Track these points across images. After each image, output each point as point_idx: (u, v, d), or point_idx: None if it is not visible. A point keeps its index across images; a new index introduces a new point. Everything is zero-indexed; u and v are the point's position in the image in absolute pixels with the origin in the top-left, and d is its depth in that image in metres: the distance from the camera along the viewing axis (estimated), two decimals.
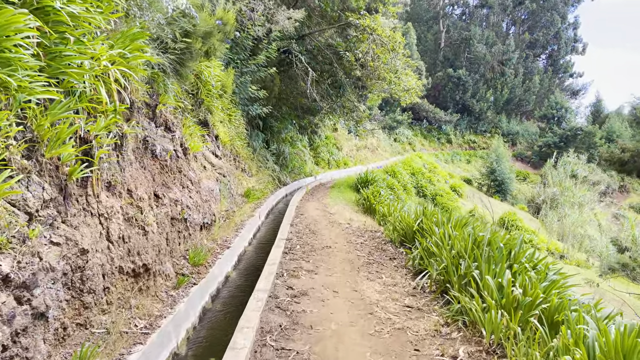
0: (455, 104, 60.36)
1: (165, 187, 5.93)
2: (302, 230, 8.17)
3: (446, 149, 57.33)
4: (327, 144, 26.19)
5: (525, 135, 63.13)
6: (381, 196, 12.89)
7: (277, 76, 15.15)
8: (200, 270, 5.33)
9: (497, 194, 39.15)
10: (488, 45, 61.69)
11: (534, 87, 64.48)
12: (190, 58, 6.87)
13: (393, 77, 14.86)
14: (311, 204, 12.28)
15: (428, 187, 24.61)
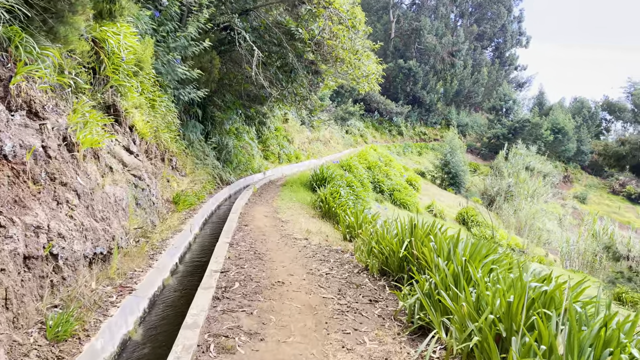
0: (406, 96, 59.54)
1: (18, 206, 3.69)
2: (244, 253, 6.05)
3: (397, 141, 56.47)
4: (277, 136, 24.04)
5: (475, 127, 63.31)
6: (341, 197, 10.96)
7: (216, 57, 12.86)
8: (64, 352, 3.15)
9: (451, 186, 38.34)
10: (438, 36, 61.15)
11: (482, 79, 64.70)
12: (71, 10, 4.60)
13: (353, 59, 12.92)
14: (259, 209, 10.16)
15: (385, 182, 22.98)
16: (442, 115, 63.51)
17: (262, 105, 17.34)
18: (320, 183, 13.67)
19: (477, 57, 67.35)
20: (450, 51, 61.21)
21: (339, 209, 10.18)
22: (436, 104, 61.41)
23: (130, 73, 7.18)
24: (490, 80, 66.68)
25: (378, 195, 21.75)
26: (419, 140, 59.37)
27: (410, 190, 23.92)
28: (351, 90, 46.67)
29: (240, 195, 12.35)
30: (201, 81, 12.16)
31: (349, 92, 46.59)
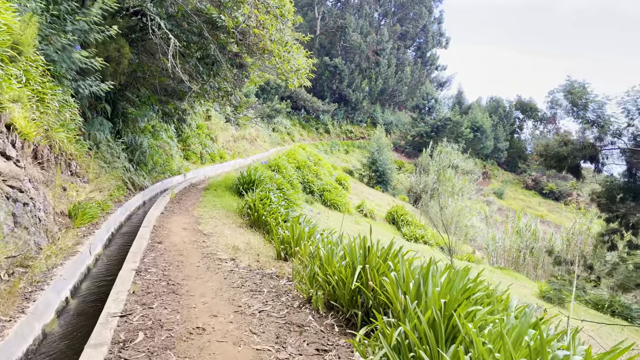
0: (332, 94, 59.37)
1: None
2: (155, 285, 4.82)
3: (324, 139, 56.18)
4: (199, 135, 22.44)
5: (399, 125, 64.47)
6: (272, 203, 9.91)
7: (126, 45, 11.31)
8: None
9: (378, 184, 38.42)
10: (363, 34, 61.51)
11: (405, 78, 65.95)
12: None
13: (282, 51, 11.86)
14: (177, 220, 8.85)
15: (315, 182, 22.17)
16: (367, 113, 64.03)
17: (181, 100, 15.85)
18: (248, 186, 12.52)
19: (400, 56, 68.61)
20: (374, 50, 61.80)
21: (270, 217, 9.13)
22: (362, 102, 61.73)
23: (5, 58, 5.70)
24: (413, 79, 68.21)
25: (308, 196, 20.90)
26: (346, 139, 59.46)
27: (340, 190, 23.30)
28: (277, 87, 45.61)
29: (155, 202, 10.90)
30: (107, 73, 10.59)
31: (275, 89, 45.52)
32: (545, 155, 8.69)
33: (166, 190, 13.74)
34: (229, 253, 6.39)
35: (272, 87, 45.13)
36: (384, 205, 28.89)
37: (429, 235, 21.32)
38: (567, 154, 8.39)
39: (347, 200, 22.94)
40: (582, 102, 8.60)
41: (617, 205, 9.17)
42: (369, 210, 23.61)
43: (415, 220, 23.25)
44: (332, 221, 18.06)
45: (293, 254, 6.19)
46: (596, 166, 8.81)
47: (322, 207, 20.74)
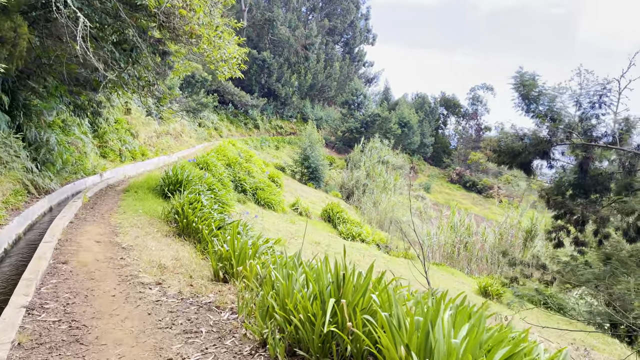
0: (261, 88, 57.93)
1: None
2: (52, 330, 3.49)
3: (254, 134, 54.74)
4: (118, 130, 20.44)
5: (329, 121, 64.21)
6: (204, 207, 8.71)
7: (23, 24, 9.60)
8: None
9: (311, 181, 37.68)
10: (291, 28, 60.51)
11: (335, 74, 65.79)
12: None
13: (212, 36, 10.59)
14: (89, 230, 7.43)
15: (247, 180, 20.94)
16: (297, 108, 63.20)
17: (95, 91, 14.08)
18: (174, 188, 11.16)
19: (329, 51, 68.31)
20: (303, 44, 61.02)
21: (202, 224, 7.96)
22: (291, 97, 60.77)
23: None
24: (342, 75, 68.19)
25: (240, 195, 19.66)
26: (276, 134, 58.32)
27: (274, 188, 22.23)
28: (203, 81, 43.51)
29: (64, 208, 9.30)
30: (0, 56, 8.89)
31: (201, 83, 43.43)
32: (499, 151, 8.19)
33: (78, 193, 12.02)
34: (154, 274, 5.19)
35: (197, 80, 43.04)
36: (318, 203, 28.18)
37: (365, 233, 20.82)
38: (522, 149, 7.94)
39: (282, 199, 21.94)
40: (534, 95, 8.17)
41: (567, 201, 8.89)
42: (304, 209, 22.76)
43: (351, 218, 22.70)
44: (267, 222, 17.00)
45: (235, 274, 5.11)
46: (548, 162, 8.46)
47: (255, 206, 19.61)
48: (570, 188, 8.64)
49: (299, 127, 62.04)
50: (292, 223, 19.14)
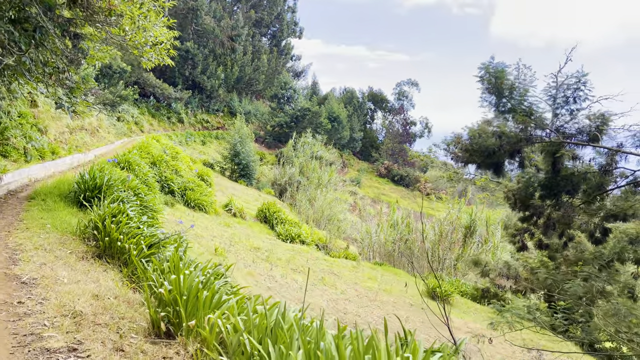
0: (185, 80, 55.03)
1: None
2: None
3: (178, 129, 51.96)
4: (22, 125, 17.82)
5: (258, 115, 62.49)
6: (130, 220, 7.18)
7: None
8: None
9: (242, 178, 36.02)
10: (216, 18, 57.99)
11: (262, 67, 64.10)
12: None
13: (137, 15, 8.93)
14: None
15: (175, 179, 19.11)
16: (224, 102, 60.86)
17: None
18: (92, 194, 9.40)
19: (256, 44, 66.44)
20: (230, 35, 58.73)
21: (129, 242, 6.47)
22: (218, 90, 58.32)
23: None
24: (270, 68, 66.58)
25: (168, 196, 17.85)
26: (202, 129, 55.74)
27: (205, 188, 20.54)
28: (121, 71, 40.33)
29: None
30: None
31: (119, 73, 40.26)
32: (472, 150, 7.38)
33: None
34: (65, 330, 3.71)
35: (115, 70, 39.89)
36: (252, 202, 26.73)
37: (304, 234, 19.74)
38: (498, 148, 7.19)
39: (214, 200, 20.33)
40: (506, 88, 7.44)
41: (535, 203, 8.30)
42: (238, 209, 21.27)
43: (289, 218, 21.52)
44: (200, 226, 15.44)
45: (186, 331, 3.75)
46: (520, 161, 7.80)
47: (185, 209, 17.90)
48: (540, 189, 8.02)
49: (226, 121, 59.80)
50: (227, 226, 17.66)
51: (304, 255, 16.39)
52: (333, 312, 10.52)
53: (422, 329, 11.50)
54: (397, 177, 64.51)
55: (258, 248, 14.96)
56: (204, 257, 11.13)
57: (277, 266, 13.08)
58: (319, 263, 15.78)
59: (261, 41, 69.20)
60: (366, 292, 13.59)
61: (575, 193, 7.64)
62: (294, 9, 75.40)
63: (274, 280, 11.51)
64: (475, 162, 7.61)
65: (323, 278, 13.44)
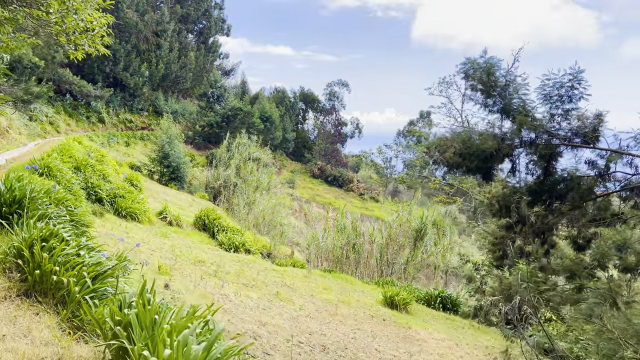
0: (105, 77, 51.37)
1: None
2: None
3: (99, 129, 48.39)
4: None
5: (186, 115, 59.74)
6: (67, 245, 5.75)
7: None
8: None
9: (172, 181, 33.84)
10: (139, 12, 54.67)
11: (190, 64, 61.44)
12: None
13: None
14: None
15: (103, 185, 17.15)
16: (149, 101, 57.57)
17: None
18: (11, 210, 7.71)
19: (182, 40, 63.56)
20: (154, 31, 55.62)
21: (68, 275, 5.11)
22: (141, 88, 55.04)
23: None
24: (197, 65, 63.94)
25: (95, 205, 15.92)
26: (125, 129, 52.27)
27: (136, 195, 18.67)
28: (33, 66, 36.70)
29: None
30: None
31: (31, 69, 36.67)
32: (466, 154, 6.67)
33: None
34: None
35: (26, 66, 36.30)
36: (186, 208, 24.98)
37: (249, 242, 18.49)
38: (496, 151, 6.54)
39: (147, 207, 18.53)
40: (500, 84, 6.82)
41: (521, 209, 7.79)
42: (174, 217, 19.57)
43: (230, 224, 20.13)
44: (135, 239, 13.79)
45: None
46: (513, 166, 7.23)
47: (116, 218, 16.06)
48: (529, 194, 7.50)
49: (151, 121, 56.58)
50: (165, 237, 16.05)
51: (252, 266, 15.19)
52: (297, 333, 9.51)
53: (390, 344, 10.79)
54: (330, 177, 64.31)
55: (203, 261, 13.60)
56: (148, 277, 9.69)
57: (227, 282, 11.83)
58: (269, 274, 14.66)
59: (188, 38, 66.39)
60: (324, 305, 12.69)
61: (566, 199, 7.18)
62: (221, 6, 73.10)
63: (228, 300, 10.30)
64: (467, 166, 6.92)
65: (278, 292, 12.37)
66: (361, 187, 62.87)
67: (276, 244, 21.17)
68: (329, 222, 23.00)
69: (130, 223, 16.35)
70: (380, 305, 14.04)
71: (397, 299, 13.97)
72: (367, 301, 14.12)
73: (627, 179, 6.93)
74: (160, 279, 9.98)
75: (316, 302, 12.79)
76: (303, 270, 17.09)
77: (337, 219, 21.59)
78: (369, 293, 15.58)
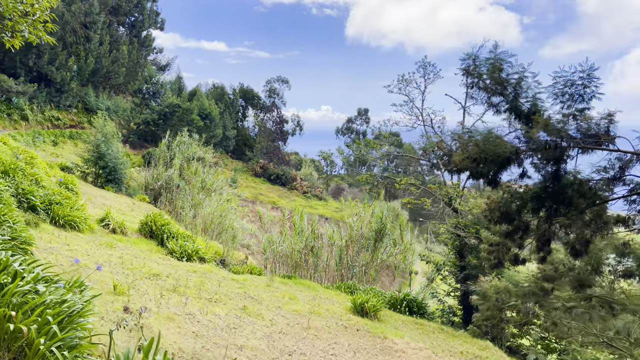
0: (28, 71, 47.35)
1: None
2: None
3: (22, 128, 44.63)
4: None
5: (119, 112, 56.36)
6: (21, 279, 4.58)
7: None
8: None
9: (109, 183, 31.48)
10: (66, 2, 50.85)
11: (122, 58, 58.07)
12: None
13: None
14: None
15: (36, 191, 15.33)
16: (78, 97, 53.73)
17: None
18: None
19: (113, 33, 59.96)
20: (83, 22, 51.98)
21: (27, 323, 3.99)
22: (69, 83, 51.21)
23: None
24: (131, 60, 60.59)
25: (28, 214, 14.16)
26: (52, 127, 48.41)
27: (75, 200, 16.90)
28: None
29: None
30: None
31: None
32: (482, 159, 6.08)
33: None
34: None
35: None
36: (128, 212, 23.20)
37: (203, 249, 17.25)
38: (514, 154, 6.01)
39: (88, 214, 16.83)
40: (512, 80, 6.31)
41: (523, 216, 7.36)
42: (117, 224, 17.91)
43: (180, 230, 18.75)
44: (79, 251, 12.31)
45: None
46: (523, 171, 6.76)
47: (53, 228, 14.36)
48: (534, 200, 7.07)
49: (81, 118, 52.92)
50: (111, 247, 14.54)
51: (211, 277, 14.06)
52: (277, 356, 8.66)
53: (371, 358, 10.17)
54: (273, 176, 63.18)
55: (158, 274, 12.34)
56: (104, 300, 8.45)
57: (189, 298, 10.72)
58: (230, 285, 13.62)
59: (119, 31, 62.80)
60: (294, 317, 11.88)
61: (571, 204, 6.81)
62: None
63: (196, 320, 9.25)
64: (479, 171, 6.36)
65: (245, 307, 11.41)
66: (304, 185, 62.27)
67: (229, 249, 20.02)
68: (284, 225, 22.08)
69: (70, 233, 14.71)
70: (351, 313, 13.41)
71: (367, 305, 13.39)
72: (336, 310, 13.43)
73: (635, 183, 6.65)
74: (118, 301, 8.76)
75: (285, 315, 11.94)
76: (263, 277, 16.16)
77: (294, 221, 20.72)
78: (334, 300, 14.92)
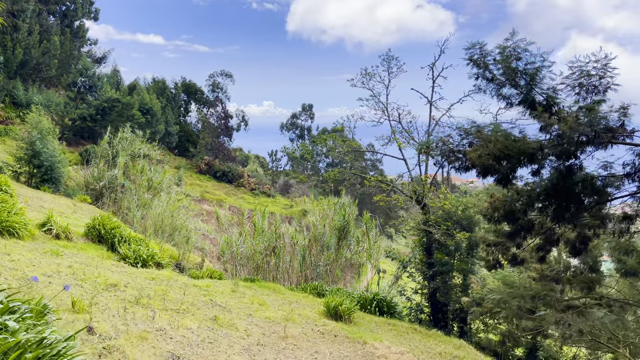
0: None
1: None
2: None
3: None
4: None
5: (52, 107, 52.65)
6: None
7: None
8: None
9: (45, 184, 29.12)
10: None
11: (54, 49, 54.33)
12: None
13: None
14: None
15: None
16: (5, 90, 49.72)
17: None
18: None
19: (43, 22, 55.98)
20: (10, 10, 48.09)
21: None
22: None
23: None
24: (63, 51, 56.85)
25: None
26: None
27: (12, 204, 15.23)
28: None
29: None
30: None
31: None
32: (504, 156, 5.63)
33: None
34: None
35: None
36: (70, 215, 21.42)
37: (159, 253, 16.08)
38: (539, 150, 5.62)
39: (28, 219, 15.22)
40: (531, 70, 5.93)
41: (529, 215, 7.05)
42: (61, 228, 16.34)
43: (132, 234, 17.42)
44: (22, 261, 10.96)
45: None
46: (538, 168, 6.41)
47: None
48: (540, 199, 6.76)
49: (9, 113, 49.02)
50: (57, 255, 13.15)
51: (172, 284, 13.03)
52: None
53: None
54: (219, 173, 61.50)
55: (115, 284, 11.22)
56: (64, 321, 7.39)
57: (156, 311, 9.76)
58: (194, 293, 12.67)
59: (49, 20, 58.75)
60: (269, 325, 11.17)
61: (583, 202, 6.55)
62: None
63: (168, 337, 8.35)
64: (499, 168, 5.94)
65: (216, 317, 10.56)
66: (252, 182, 61.07)
67: (184, 252, 18.88)
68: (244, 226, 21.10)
69: (9, 240, 13.20)
70: (325, 317, 12.85)
71: (341, 309, 12.89)
72: (309, 314, 12.83)
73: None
74: (79, 320, 7.72)
75: (258, 323, 11.20)
76: (226, 282, 15.29)
77: (254, 220, 19.82)
78: (304, 303, 14.31)
